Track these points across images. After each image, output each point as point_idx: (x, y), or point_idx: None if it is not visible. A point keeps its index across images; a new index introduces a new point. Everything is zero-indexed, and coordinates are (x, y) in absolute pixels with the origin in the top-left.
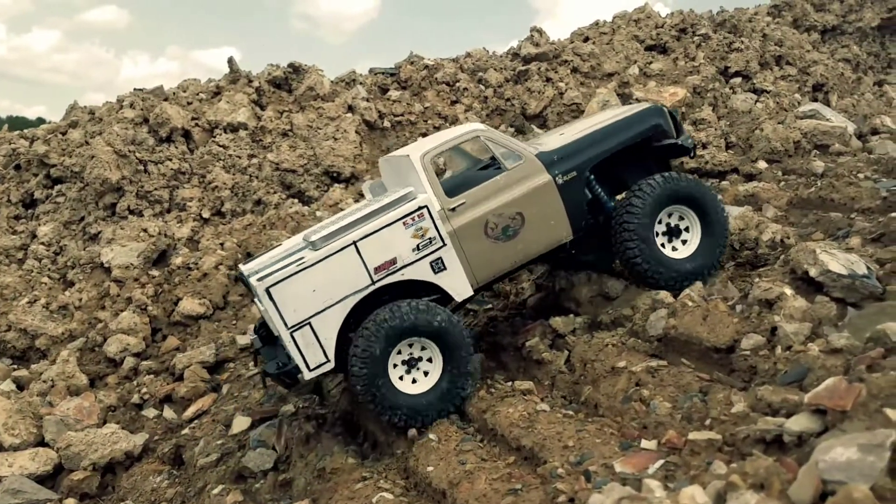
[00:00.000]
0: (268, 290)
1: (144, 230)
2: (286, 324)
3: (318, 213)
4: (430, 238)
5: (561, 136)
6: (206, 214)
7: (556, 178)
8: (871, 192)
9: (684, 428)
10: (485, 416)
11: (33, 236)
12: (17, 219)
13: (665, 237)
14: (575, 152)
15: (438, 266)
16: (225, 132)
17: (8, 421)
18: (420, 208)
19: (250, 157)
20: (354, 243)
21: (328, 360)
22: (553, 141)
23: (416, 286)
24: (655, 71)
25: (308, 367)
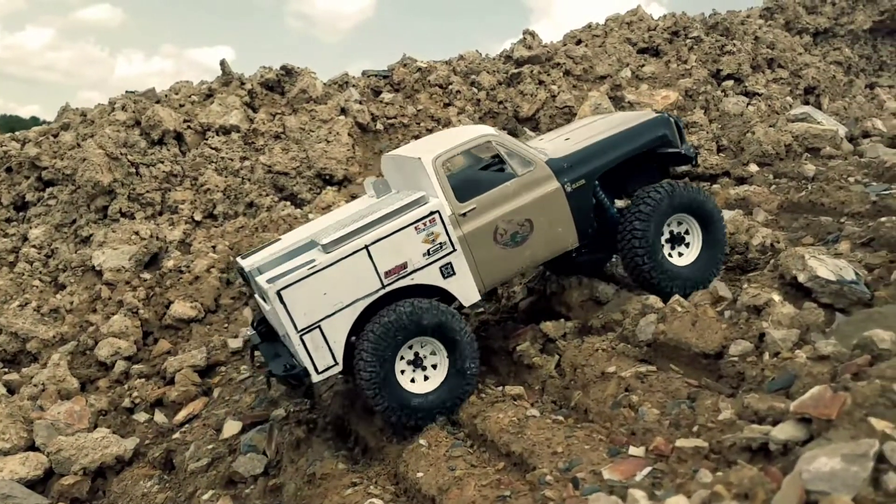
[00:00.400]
0: (279, 293)
1: (136, 233)
2: (296, 327)
3: (311, 216)
4: (440, 243)
5: (566, 140)
6: (198, 217)
7: (566, 186)
8: (861, 196)
9: (672, 434)
10: (475, 421)
11: (24, 239)
12: (8, 221)
13: (668, 244)
14: (584, 160)
15: (448, 271)
16: (217, 134)
17: None
18: (432, 213)
19: (242, 159)
20: (366, 247)
21: (336, 363)
22: (558, 146)
23: (424, 290)
24: (647, 74)
25: (317, 369)
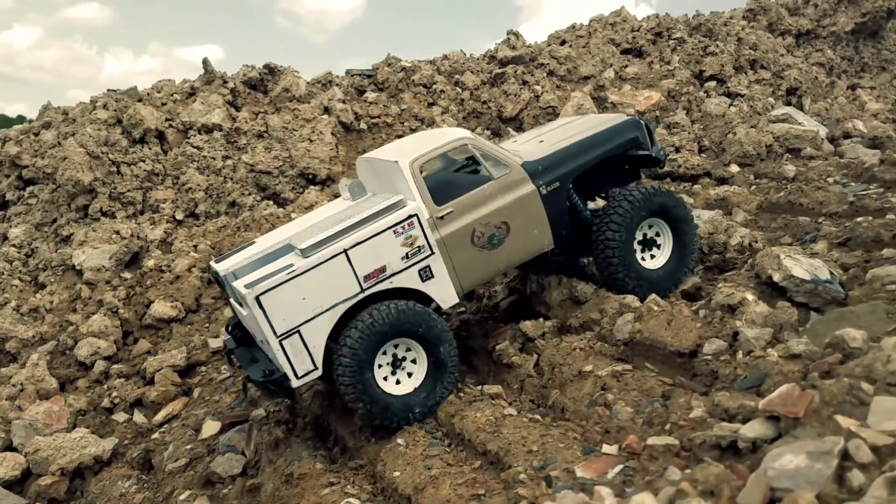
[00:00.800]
0: (258, 299)
1: (117, 232)
2: (275, 332)
3: (294, 215)
4: (419, 246)
5: (540, 142)
6: (179, 216)
7: (541, 189)
8: (840, 196)
9: (645, 433)
10: (453, 420)
11: (4, 238)
12: None
13: (640, 247)
14: (559, 163)
15: (426, 274)
16: (199, 133)
17: None
18: (410, 217)
19: (225, 158)
20: (345, 251)
21: (316, 368)
22: (532, 148)
23: (402, 294)
24: (631, 74)
25: (296, 374)
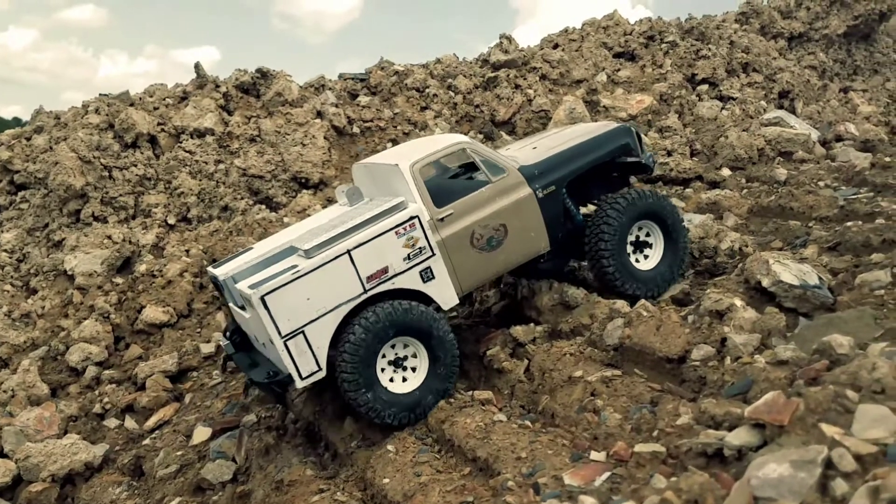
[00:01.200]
0: (263, 299)
1: (109, 237)
2: (280, 332)
3: (286, 220)
4: (420, 248)
5: (534, 149)
6: (171, 221)
7: (537, 192)
8: (830, 200)
9: (633, 439)
10: (443, 426)
11: None
12: None
13: (633, 249)
14: (554, 167)
15: (427, 275)
16: (191, 137)
17: None
18: (412, 218)
19: (217, 162)
20: (349, 252)
21: (320, 369)
22: (526, 154)
23: (403, 295)
24: (623, 78)
25: (301, 375)
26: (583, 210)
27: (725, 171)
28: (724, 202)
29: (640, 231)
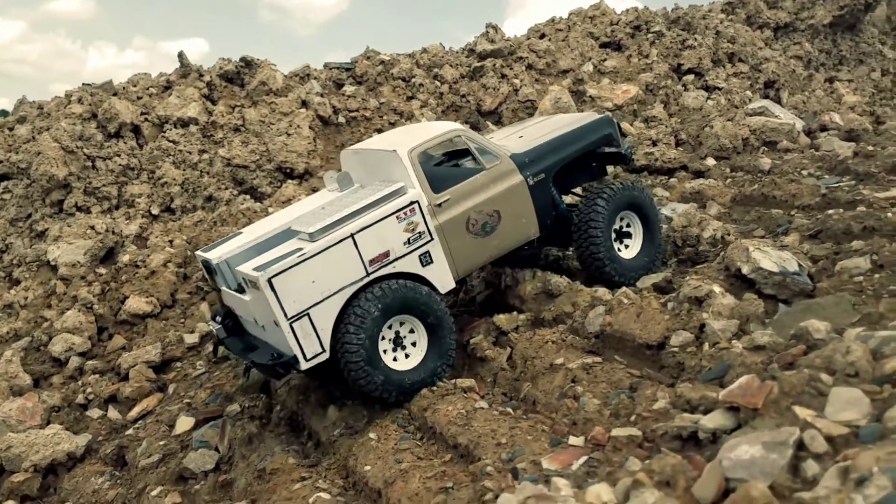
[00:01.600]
0: (270, 281)
1: (92, 227)
2: (286, 314)
3: (271, 210)
4: (419, 232)
5: (520, 138)
6: (155, 211)
7: (528, 179)
8: (813, 188)
9: (611, 424)
10: (425, 413)
11: None
12: None
13: (615, 238)
14: (543, 155)
15: (426, 259)
16: (175, 127)
17: None
18: (412, 203)
19: (201, 152)
20: (352, 236)
21: (324, 350)
22: (514, 143)
23: (403, 278)
24: (609, 68)
25: (305, 357)
26: (566, 198)
27: (710, 161)
28: (708, 191)
29: (622, 221)
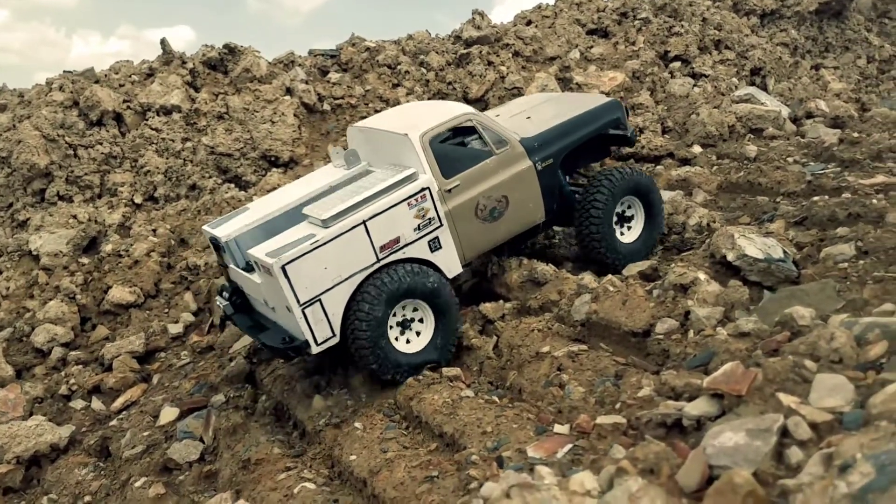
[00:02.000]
0: (283, 268)
1: (74, 216)
2: (299, 301)
3: (255, 198)
4: (430, 218)
5: (527, 118)
6: (138, 200)
7: (536, 165)
8: (798, 175)
9: (596, 412)
10: (411, 403)
11: None
12: None
13: (617, 223)
14: (552, 140)
15: (435, 245)
16: (158, 115)
17: None
18: (423, 189)
19: (184, 140)
20: (364, 222)
21: (334, 335)
22: (521, 124)
23: (412, 264)
24: (596, 55)
25: (316, 342)
26: (569, 180)
27: (696, 149)
28: (694, 179)
29: (623, 206)
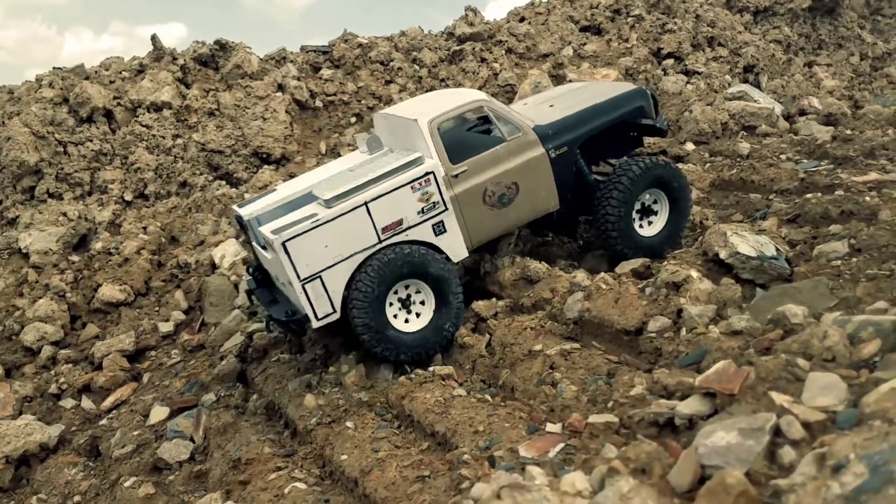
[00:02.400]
0: (284, 245)
1: (64, 214)
2: (299, 276)
3: (247, 195)
4: (434, 202)
5: (550, 107)
6: (128, 197)
7: (550, 152)
8: (791, 173)
9: (589, 410)
10: (403, 402)
11: None
12: None
13: (639, 215)
14: (568, 128)
15: (440, 229)
16: (148, 111)
17: None
18: (427, 174)
19: (175, 137)
20: (366, 204)
21: (335, 311)
22: (542, 112)
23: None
24: (589, 52)
25: (317, 316)
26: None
27: (689, 146)
28: (687, 176)
29: (648, 198)
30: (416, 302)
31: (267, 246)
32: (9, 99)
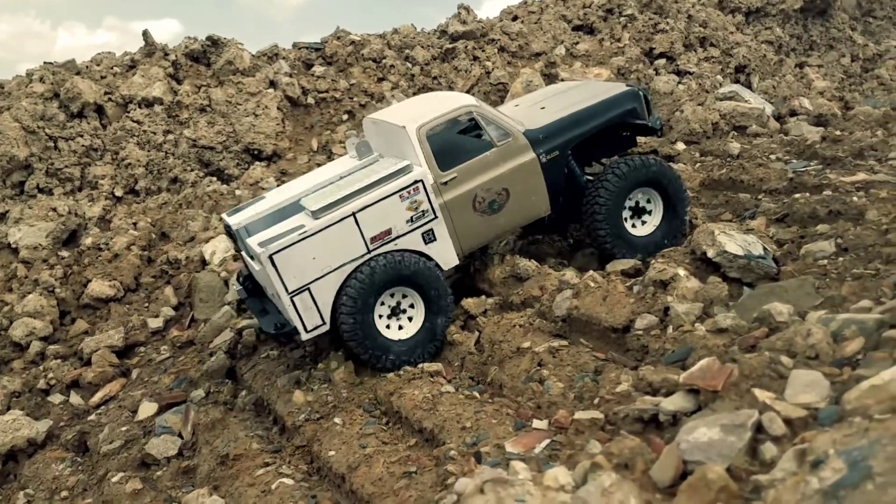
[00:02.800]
0: (271, 258)
1: (54, 209)
2: (287, 289)
3: (238, 192)
4: (423, 211)
5: (542, 109)
6: (118, 193)
7: (541, 157)
8: (780, 172)
9: (575, 407)
10: (391, 398)
11: None
12: None
13: (631, 215)
14: (558, 132)
15: (429, 237)
16: (139, 107)
17: None
18: (416, 182)
19: (166, 133)
20: (354, 214)
21: (324, 323)
22: (533, 115)
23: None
24: (581, 52)
25: (306, 329)
26: (588, 170)
27: (680, 145)
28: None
29: (641, 197)
30: (406, 309)
31: (254, 256)
32: None
